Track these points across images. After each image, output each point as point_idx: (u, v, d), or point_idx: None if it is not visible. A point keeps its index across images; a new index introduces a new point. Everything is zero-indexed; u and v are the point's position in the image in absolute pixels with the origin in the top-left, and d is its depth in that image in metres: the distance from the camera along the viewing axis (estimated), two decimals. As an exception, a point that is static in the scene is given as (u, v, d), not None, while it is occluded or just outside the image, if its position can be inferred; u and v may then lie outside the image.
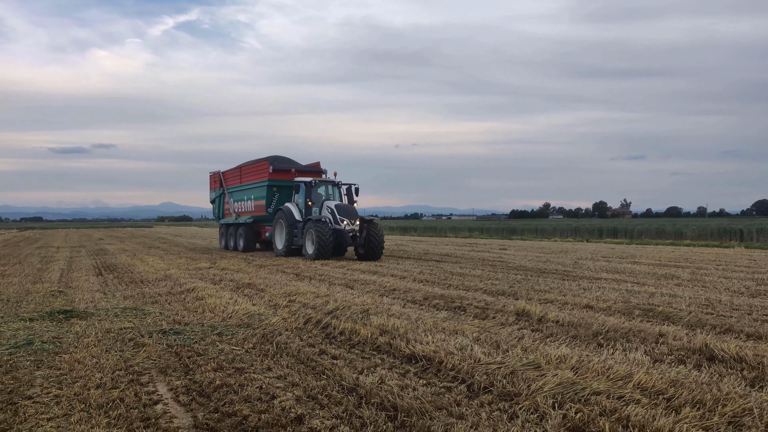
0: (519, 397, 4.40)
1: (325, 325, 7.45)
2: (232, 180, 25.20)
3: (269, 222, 22.03)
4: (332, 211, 18.59)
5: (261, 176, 22.13)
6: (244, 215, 23.75)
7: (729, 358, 5.35)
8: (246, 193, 23.58)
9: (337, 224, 18.27)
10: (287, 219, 19.62)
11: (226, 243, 25.42)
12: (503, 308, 8.32)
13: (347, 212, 18.68)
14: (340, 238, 18.29)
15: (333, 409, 4.33)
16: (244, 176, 23.84)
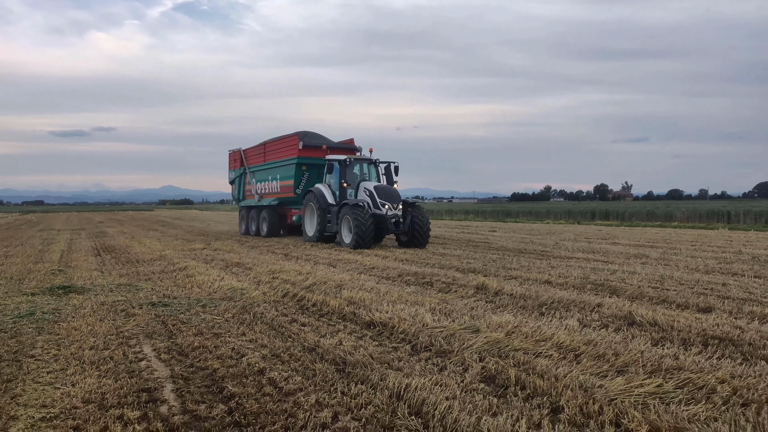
0: (451, 353, 5.11)
1: (300, 298, 8.17)
2: (255, 158, 23.14)
3: (297, 205, 20.32)
4: (371, 193, 16.56)
5: (289, 153, 20.14)
6: (268, 197, 21.88)
7: (646, 323, 6.06)
8: (271, 173, 21.63)
9: (377, 209, 16.22)
10: (319, 202, 17.55)
11: (246, 227, 23.37)
12: (466, 283, 9.03)
13: (388, 195, 16.58)
14: (381, 225, 16.24)
15: (292, 364, 5.04)
16: (269, 154, 21.80)
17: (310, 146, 19.65)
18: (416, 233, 16.22)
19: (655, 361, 4.65)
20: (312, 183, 19.59)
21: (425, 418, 3.71)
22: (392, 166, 18.28)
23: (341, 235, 16.39)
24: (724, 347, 5.18)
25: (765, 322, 6.19)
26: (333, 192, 17.70)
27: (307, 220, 18.72)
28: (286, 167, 20.37)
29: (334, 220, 16.96)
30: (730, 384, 4.12)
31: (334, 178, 17.93)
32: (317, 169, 19.69)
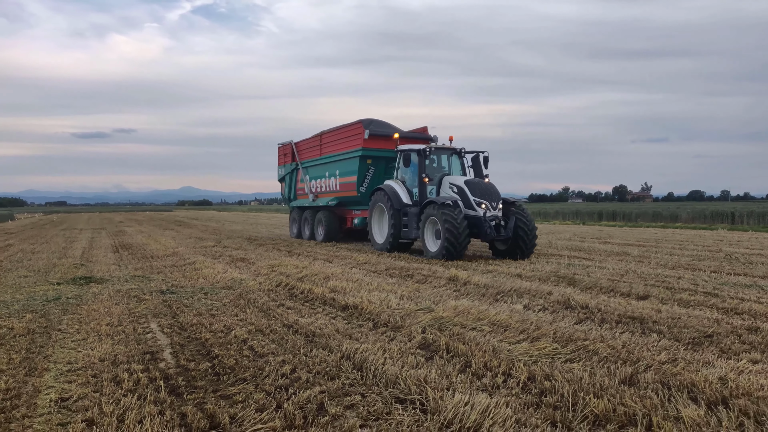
0: (403, 328, 6.12)
1: (291, 287, 9.23)
2: (309, 152, 20.36)
3: (360, 205, 17.54)
4: (461, 190, 13.35)
5: (352, 144, 17.21)
6: (324, 196, 19.14)
7: (578, 306, 7.01)
8: (328, 168, 18.87)
9: (470, 209, 13.00)
10: (391, 202, 14.38)
11: (299, 230, 20.88)
12: (441, 275, 10.02)
13: (485, 191, 13.24)
14: (476, 229, 12.84)
15: (270, 336, 6.08)
16: (327, 146, 18.98)
17: (377, 135, 16.59)
18: (520, 240, 12.86)
19: (565, 334, 5.62)
20: (379, 179, 16.90)
21: (363, 371, 4.72)
22: (481, 156, 14.91)
23: (424, 241, 13.32)
24: (632, 325, 6.11)
25: (684, 307, 7.09)
26: (408, 189, 14.62)
27: (374, 224, 15.61)
28: (347, 161, 17.45)
29: (412, 223, 13.88)
30: (615, 349, 5.07)
31: (409, 173, 14.83)
32: (385, 163, 16.96)
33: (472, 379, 4.43)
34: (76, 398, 4.20)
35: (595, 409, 3.67)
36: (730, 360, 4.74)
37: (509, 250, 13.31)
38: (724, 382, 4.12)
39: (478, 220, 12.77)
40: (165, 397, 4.19)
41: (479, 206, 12.99)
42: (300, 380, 4.54)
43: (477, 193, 13.22)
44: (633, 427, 3.43)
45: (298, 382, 4.47)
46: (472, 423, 3.51)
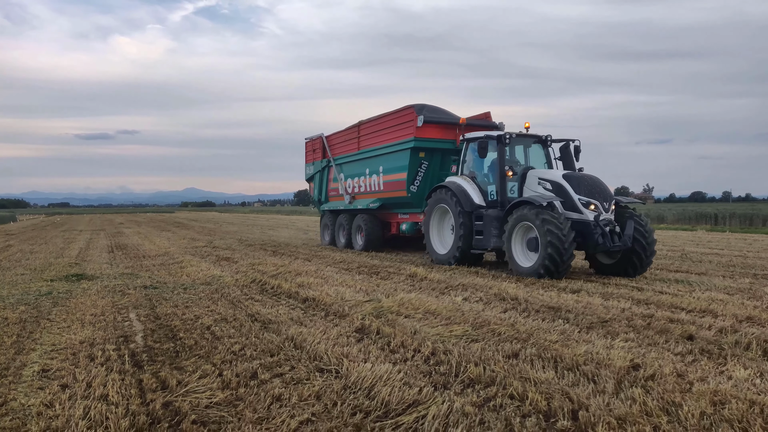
0: (348, 316, 6.98)
1: (263, 283, 10.09)
2: (344, 146, 17.51)
3: (410, 207, 14.85)
4: (558, 187, 10.57)
5: (400, 134, 14.32)
6: (364, 197, 16.35)
7: (509, 298, 7.86)
8: (369, 164, 15.98)
9: (574, 211, 10.26)
10: (460, 203, 11.70)
11: (332, 237, 18.20)
12: (402, 272, 10.88)
13: (593, 188, 10.49)
14: (580, 238, 10.07)
15: (231, 323, 6.94)
16: (366, 138, 16.12)
17: (432, 123, 13.82)
18: (635, 253, 10.17)
19: (483, 320, 6.47)
20: (433, 176, 14.16)
21: (301, 348, 5.58)
22: (572, 145, 12.16)
23: (512, 254, 10.54)
24: (548, 313, 6.96)
25: (605, 299, 7.94)
26: (479, 187, 11.98)
27: (433, 231, 12.92)
28: (394, 155, 14.65)
29: (490, 230, 11.23)
30: (518, 332, 5.92)
31: (481, 166, 12.41)
32: (440, 157, 14.27)
33: (387, 354, 5.29)
34: (55, 370, 5.07)
35: (471, 375, 4.53)
36: (607, 339, 5.58)
37: (618, 265, 10.46)
38: (587, 355, 4.97)
39: (586, 226, 9.96)
40: (129, 368, 5.05)
41: (587, 207, 10.19)
42: (245, 356, 5.40)
43: (582, 190, 10.37)
44: (493, 386, 4.28)
45: (242, 357, 5.34)
46: (368, 384, 4.36)
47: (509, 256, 10.62)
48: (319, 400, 4.16)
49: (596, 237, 9.96)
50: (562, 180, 10.64)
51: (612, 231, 10.18)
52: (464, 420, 3.67)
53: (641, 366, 4.67)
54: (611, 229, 10.18)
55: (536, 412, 3.80)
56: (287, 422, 3.74)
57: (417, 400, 4.02)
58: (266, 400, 4.18)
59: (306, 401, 4.16)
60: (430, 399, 4.02)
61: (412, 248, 16.40)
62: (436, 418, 3.68)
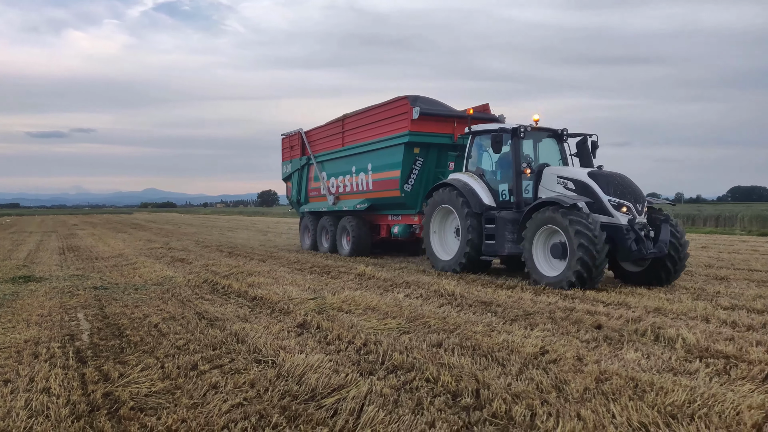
0: (292, 313, 7.33)
1: (215, 283, 10.33)
2: (326, 142, 16.21)
3: (402, 208, 13.70)
4: (583, 186, 9.58)
5: (393, 128, 13.16)
6: (350, 197, 15.14)
7: (447, 294, 8.36)
8: (355, 161, 14.78)
9: (603, 213, 9.24)
10: (468, 203, 10.66)
11: (314, 241, 16.75)
12: (352, 271, 11.29)
13: (623, 188, 9.50)
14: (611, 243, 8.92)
15: (179, 321, 7.19)
16: (352, 133, 14.89)
17: (428, 115, 12.61)
18: (668, 259, 9.22)
19: (418, 313, 6.93)
20: (429, 174, 13.20)
21: (243, 342, 5.90)
22: (589, 140, 11.05)
23: (534, 261, 9.52)
24: (479, 307, 7.47)
25: (536, 294, 8.52)
26: (489, 185, 10.93)
27: (434, 235, 11.82)
28: (386, 151, 13.48)
29: (504, 234, 10.20)
30: (447, 324, 6.40)
31: (491, 162, 11.35)
32: (436, 153, 13.21)
33: (323, 346, 5.67)
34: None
35: (395, 362, 4.96)
36: (527, 330, 6.11)
37: (647, 273, 9.50)
38: (503, 343, 5.47)
39: (617, 231, 8.94)
40: (72, 363, 5.29)
41: (618, 210, 9.19)
42: (188, 350, 5.70)
43: (612, 190, 9.36)
44: (413, 371, 4.72)
45: (185, 351, 5.63)
46: (299, 372, 4.74)
47: (530, 264, 9.52)
48: (253, 387, 4.51)
49: (629, 243, 8.86)
50: (587, 178, 9.55)
51: (646, 235, 9.11)
52: (380, 400, 4.09)
53: (548, 351, 5.19)
54: (646, 233, 9.12)
55: (446, 392, 4.25)
56: (220, 406, 4.08)
57: (342, 385, 4.42)
58: (203, 388, 4.51)
59: (240, 388, 4.51)
60: (353, 383, 4.43)
61: (405, 252, 15.29)
62: (354, 399, 4.09)
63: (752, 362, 4.90)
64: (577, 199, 9.25)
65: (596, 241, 8.58)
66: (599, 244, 8.61)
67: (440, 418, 3.77)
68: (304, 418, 3.86)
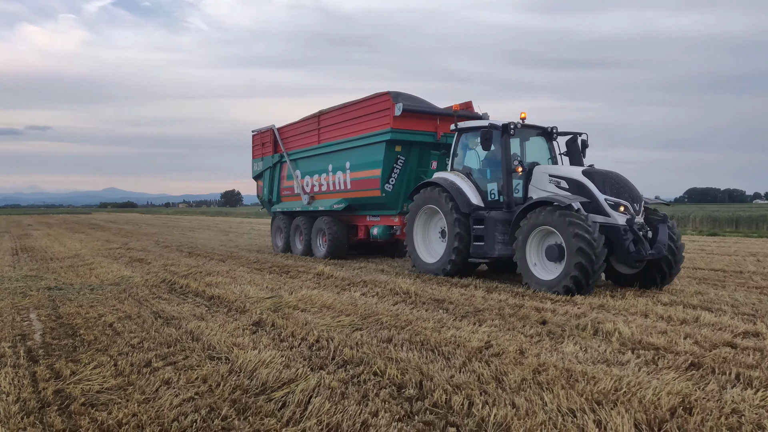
0: (248, 311, 7.43)
1: (173, 283, 10.31)
2: (300, 139, 15.72)
3: (381, 209, 13.32)
4: (578, 185, 9.26)
5: (374, 124, 12.73)
6: (326, 197, 14.63)
7: (402, 292, 8.59)
8: (332, 159, 14.28)
9: (599, 213, 8.90)
10: (455, 203, 10.24)
11: (287, 242, 16.10)
12: (311, 271, 11.42)
13: (619, 187, 9.19)
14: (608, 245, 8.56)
15: (135, 320, 7.21)
16: (329, 130, 14.43)
17: (412, 112, 12.27)
18: (666, 259, 9.00)
19: (372, 311, 7.13)
20: (411, 173, 12.80)
21: (197, 340, 5.98)
22: (579, 139, 10.76)
23: (526, 264, 9.14)
24: (432, 304, 7.72)
25: (489, 292, 8.83)
26: (476, 184, 10.54)
27: (418, 236, 11.35)
28: (366, 149, 13.04)
29: (493, 235, 9.84)
30: (399, 320, 6.62)
31: (475, 162, 11.07)
32: (418, 152, 12.81)
33: (276, 342, 5.81)
34: (-53, 366, 5.23)
35: (345, 357, 5.14)
36: (475, 326, 6.37)
37: (641, 275, 9.26)
38: (451, 338, 5.72)
39: (614, 232, 8.63)
40: (23, 362, 5.29)
41: (616, 209, 8.87)
42: (142, 348, 5.75)
43: (608, 189, 9.06)
44: (362, 365, 4.91)
45: (139, 349, 5.69)
46: (251, 367, 4.87)
47: (523, 267, 9.13)
48: (205, 383, 4.62)
49: (627, 244, 8.55)
50: (582, 177, 9.23)
51: (644, 235, 8.85)
52: (327, 392, 4.26)
53: (492, 346, 5.46)
54: (644, 233, 8.86)
55: (392, 384, 4.45)
56: (171, 400, 4.18)
57: (292, 379, 4.58)
58: (155, 384, 4.60)
59: (192, 383, 4.61)
60: (303, 377, 4.59)
61: (382, 254, 14.90)
62: (303, 392, 4.25)
63: (679, 353, 5.26)
64: (574, 198, 8.87)
65: (595, 245, 8.18)
66: (598, 247, 8.20)
67: (384, 408, 3.97)
68: (254, 410, 4.01)
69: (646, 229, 9.00)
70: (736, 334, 6.03)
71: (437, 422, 3.76)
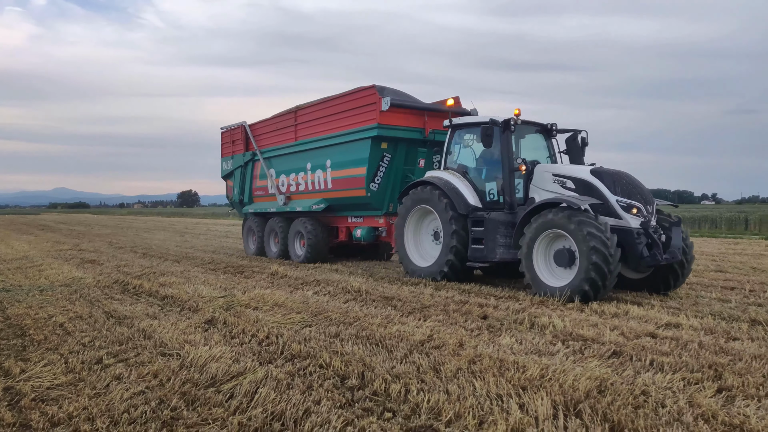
0: (201, 310, 7.56)
1: (126, 284, 10.29)
2: (275, 136, 14.94)
3: (364, 210, 12.66)
4: (585, 185, 8.81)
5: (359, 120, 12.00)
6: (305, 197, 13.88)
7: (353, 291, 8.87)
8: (312, 157, 13.51)
9: (610, 215, 8.41)
10: (452, 204, 9.74)
11: (260, 245, 15.33)
12: (265, 271, 11.58)
13: (631, 188, 8.78)
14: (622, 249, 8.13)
15: (86, 320, 7.24)
16: (308, 126, 13.65)
17: (400, 107, 11.63)
18: (678, 264, 8.64)
19: (323, 309, 7.39)
20: (397, 172, 12.14)
21: (150, 338, 6.10)
22: (579, 137, 10.33)
23: (534, 269, 8.60)
24: (382, 302, 8.03)
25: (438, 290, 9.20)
26: (473, 184, 10.08)
27: (408, 238, 10.80)
28: (349, 145, 12.30)
29: (496, 237, 9.31)
30: (348, 317, 6.89)
31: (470, 159, 10.63)
32: (405, 149, 12.11)
33: (228, 339, 6.00)
34: None
35: (293, 351, 5.38)
36: (420, 321, 6.70)
37: (649, 280, 8.93)
38: (396, 333, 6.03)
39: (627, 235, 8.21)
40: (-29, 362, 5.32)
41: (628, 211, 8.46)
42: (93, 346, 5.84)
43: (619, 190, 8.63)
44: (308, 359, 5.16)
45: (90, 348, 5.78)
46: (202, 362, 5.06)
47: (530, 273, 8.58)
48: (156, 377, 4.79)
49: (640, 248, 8.13)
50: (590, 177, 8.75)
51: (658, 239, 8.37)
52: (274, 383, 4.50)
53: (434, 339, 5.79)
54: (659, 236, 8.45)
55: (336, 375, 4.72)
56: (122, 394, 4.34)
57: (241, 372, 4.79)
58: (106, 379, 4.74)
59: (144, 378, 4.77)
60: (251, 371, 4.81)
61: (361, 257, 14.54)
62: (251, 383, 4.48)
63: (604, 343, 5.71)
64: (585, 200, 8.31)
65: (609, 244, 7.75)
66: (612, 247, 7.77)
67: (326, 396, 4.23)
68: (202, 401, 4.21)
69: (659, 233, 8.53)
70: (659, 326, 6.54)
71: (375, 408, 4.05)
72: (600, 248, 7.69)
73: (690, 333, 6.15)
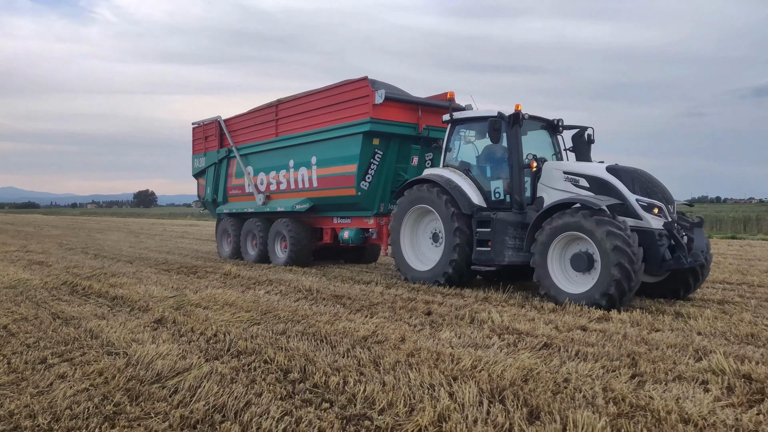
0: (150, 310, 7.61)
1: (75, 285, 10.18)
2: (253, 131, 14.05)
3: (353, 210, 12.03)
4: (601, 183, 8.33)
5: (349, 114, 11.26)
6: (286, 196, 13.15)
7: (304, 290, 9.04)
8: (295, 154, 12.74)
9: (629, 216, 7.92)
10: (455, 203, 9.24)
11: (236, 247, 14.51)
12: (219, 271, 11.62)
13: (652, 187, 8.33)
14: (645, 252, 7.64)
15: (32, 322, 7.19)
16: (289, 121, 12.85)
17: (394, 101, 10.98)
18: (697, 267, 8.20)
19: (272, 307, 7.55)
20: (389, 170, 11.51)
21: (97, 338, 6.14)
22: (586, 133, 9.86)
23: (549, 274, 8.09)
24: (332, 300, 8.24)
25: (387, 288, 9.46)
26: (476, 182, 9.55)
27: (405, 240, 10.22)
28: (339, 141, 11.54)
29: (504, 239, 8.77)
30: (296, 315, 7.08)
31: (471, 157, 10.11)
32: (398, 145, 11.47)
33: (176, 338, 6.10)
34: None
35: (239, 348, 5.54)
36: (367, 318, 6.94)
37: (664, 285, 8.47)
38: (342, 329, 6.25)
39: (647, 237, 7.71)
40: None
41: (650, 211, 7.99)
42: (38, 347, 5.85)
43: (638, 188, 8.16)
44: (254, 355, 5.33)
45: (35, 348, 5.79)
46: (148, 359, 5.16)
47: (546, 280, 8.06)
48: (101, 375, 4.87)
49: (662, 251, 7.64)
50: (606, 174, 8.24)
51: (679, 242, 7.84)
52: (218, 378, 4.66)
53: (378, 334, 6.04)
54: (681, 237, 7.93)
55: (279, 370, 4.91)
56: (65, 391, 4.42)
57: (186, 369, 4.92)
58: (50, 378, 4.80)
59: (88, 376, 4.85)
60: (196, 367, 4.95)
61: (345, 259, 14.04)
62: (195, 378, 4.62)
63: (537, 336, 6.06)
64: (605, 199, 7.83)
65: (632, 242, 7.28)
66: (635, 246, 7.29)
67: (268, 389, 4.42)
68: (146, 396, 4.33)
69: (682, 234, 7.96)
70: (592, 320, 6.95)
71: (314, 399, 4.26)
72: (623, 247, 7.18)
73: (618, 326, 6.57)
